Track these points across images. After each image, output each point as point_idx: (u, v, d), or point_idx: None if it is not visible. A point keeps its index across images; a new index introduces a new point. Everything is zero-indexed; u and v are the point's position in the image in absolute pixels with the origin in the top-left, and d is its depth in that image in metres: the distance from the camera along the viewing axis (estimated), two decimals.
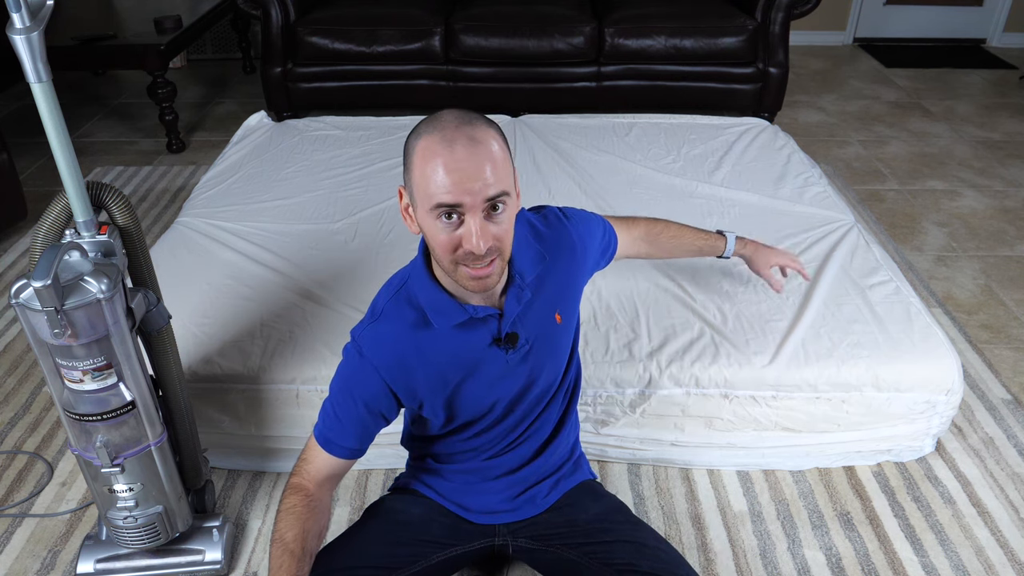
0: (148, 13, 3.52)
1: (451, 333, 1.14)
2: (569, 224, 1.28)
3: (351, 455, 1.21)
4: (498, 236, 1.01)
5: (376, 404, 1.17)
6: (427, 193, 0.99)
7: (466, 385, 1.19)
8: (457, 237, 1.00)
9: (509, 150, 1.04)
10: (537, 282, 1.19)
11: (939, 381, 1.64)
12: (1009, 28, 4.77)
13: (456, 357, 1.16)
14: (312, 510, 1.17)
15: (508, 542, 1.34)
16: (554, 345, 1.25)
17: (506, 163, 1.01)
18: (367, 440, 1.22)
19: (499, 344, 1.16)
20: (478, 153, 0.97)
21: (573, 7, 3.54)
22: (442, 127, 0.99)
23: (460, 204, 0.97)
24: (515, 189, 1.05)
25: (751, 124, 2.74)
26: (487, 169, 0.97)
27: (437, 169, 0.97)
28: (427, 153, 0.98)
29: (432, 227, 1.01)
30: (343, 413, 1.18)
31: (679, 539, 1.59)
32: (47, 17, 1.05)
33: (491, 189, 0.98)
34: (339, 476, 1.24)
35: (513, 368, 1.20)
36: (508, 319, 1.15)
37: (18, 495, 1.71)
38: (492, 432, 1.27)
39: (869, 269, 1.91)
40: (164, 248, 2.03)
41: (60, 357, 1.16)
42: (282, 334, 1.70)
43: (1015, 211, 2.91)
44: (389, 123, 2.78)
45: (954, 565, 1.54)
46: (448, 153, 0.97)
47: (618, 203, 2.22)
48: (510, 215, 1.03)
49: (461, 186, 0.96)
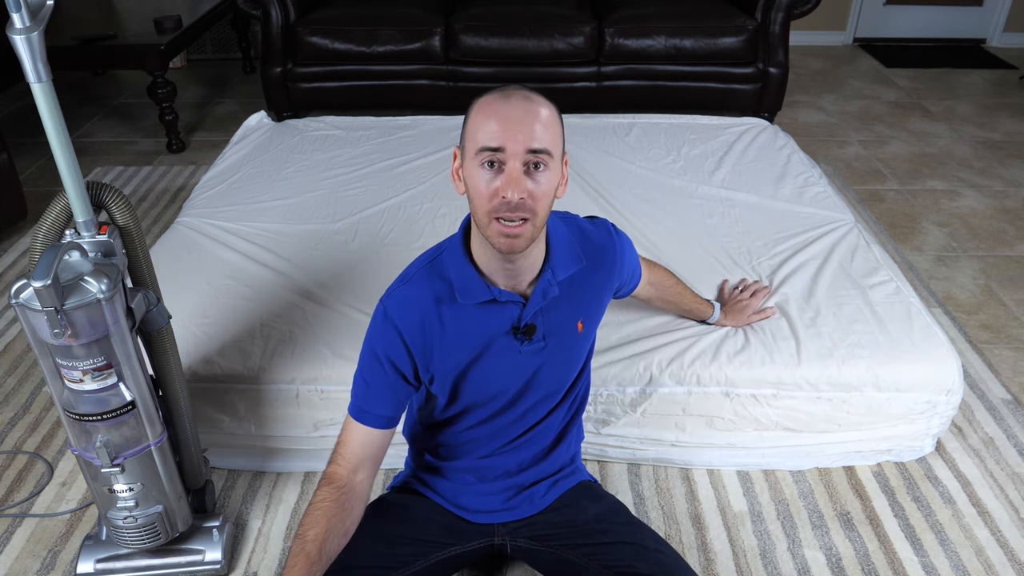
0: (148, 13, 3.52)
1: (472, 311, 1.16)
2: (616, 240, 1.31)
3: (386, 423, 1.21)
4: (533, 194, 1.04)
5: (399, 362, 1.18)
6: (475, 139, 1.04)
7: (477, 366, 1.20)
8: (495, 187, 1.03)
9: (563, 130, 1.09)
10: (568, 283, 1.20)
11: (939, 381, 1.64)
12: (1009, 28, 4.77)
13: (473, 336, 1.18)
14: (341, 506, 1.18)
15: (507, 542, 1.34)
16: (569, 351, 1.25)
17: (556, 131, 1.06)
18: (399, 407, 1.22)
19: (516, 333, 1.18)
20: (529, 109, 1.03)
21: (573, 7, 3.54)
22: (503, 88, 1.07)
23: (503, 148, 1.02)
24: (560, 160, 1.09)
25: (751, 124, 2.74)
26: (534, 124, 1.03)
27: (489, 117, 1.03)
28: (483, 105, 1.05)
29: (475, 176, 1.05)
30: (371, 377, 1.20)
31: (679, 539, 1.59)
32: (47, 17, 1.05)
33: (535, 142, 1.02)
34: (377, 456, 1.23)
35: (524, 360, 1.21)
36: (530, 310, 1.17)
37: (18, 495, 1.71)
38: (492, 424, 1.28)
39: (869, 269, 1.91)
40: (164, 248, 2.03)
41: (60, 357, 1.16)
42: (282, 334, 1.70)
43: (1015, 211, 2.91)
44: (389, 123, 2.78)
45: (954, 565, 1.54)
46: (502, 103, 1.04)
47: (618, 203, 2.22)
48: (549, 179, 1.06)
49: (507, 131, 1.02)
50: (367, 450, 1.21)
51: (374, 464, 1.24)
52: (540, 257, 1.16)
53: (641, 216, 2.15)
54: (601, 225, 1.32)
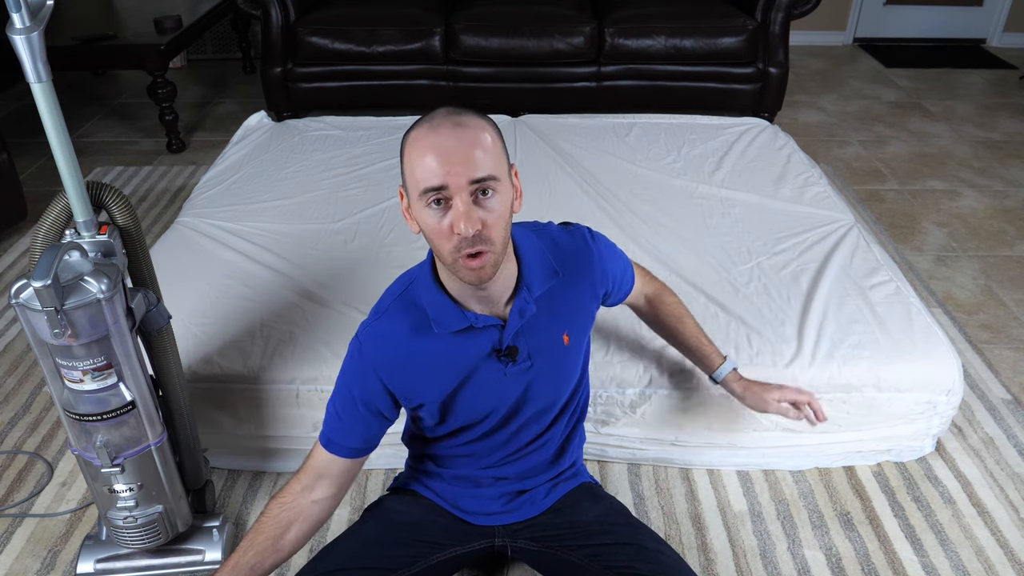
0: (148, 13, 3.52)
1: (450, 339, 1.14)
2: (594, 245, 1.25)
3: (354, 455, 1.21)
4: (487, 222, 0.99)
5: (374, 402, 1.17)
6: (415, 180, 0.99)
7: (463, 392, 1.18)
8: (448, 224, 0.99)
9: (503, 141, 1.04)
10: (548, 299, 1.17)
11: (939, 381, 1.64)
12: (1009, 28, 4.77)
13: (454, 363, 1.16)
14: (277, 522, 1.18)
15: (507, 544, 1.34)
16: (558, 365, 1.23)
17: (496, 151, 1.01)
18: (371, 440, 1.21)
19: (499, 356, 1.16)
20: (463, 136, 0.98)
21: (573, 7, 3.54)
22: (430, 119, 1.01)
23: (446, 186, 0.97)
24: (509, 179, 1.04)
25: (751, 124, 2.74)
26: (472, 151, 0.97)
27: (424, 154, 0.98)
28: (414, 142, 1.00)
29: (425, 217, 1.01)
30: (344, 412, 1.19)
31: (679, 539, 1.59)
32: (47, 17, 1.05)
33: (477, 172, 0.97)
34: (339, 481, 1.22)
35: (511, 381, 1.19)
36: (509, 331, 1.14)
37: (18, 495, 1.71)
38: (488, 441, 1.27)
39: (869, 269, 1.91)
40: (164, 248, 2.03)
41: (60, 357, 1.16)
42: (282, 334, 1.70)
43: (1015, 211, 2.91)
44: (389, 123, 2.78)
45: (954, 565, 1.54)
46: (433, 137, 0.98)
47: (618, 203, 2.22)
48: (501, 203, 1.01)
49: (445, 168, 0.97)
50: (327, 474, 1.21)
51: (335, 487, 1.22)
52: (512, 277, 1.12)
53: (641, 216, 2.15)
54: (576, 232, 1.26)
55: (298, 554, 1.56)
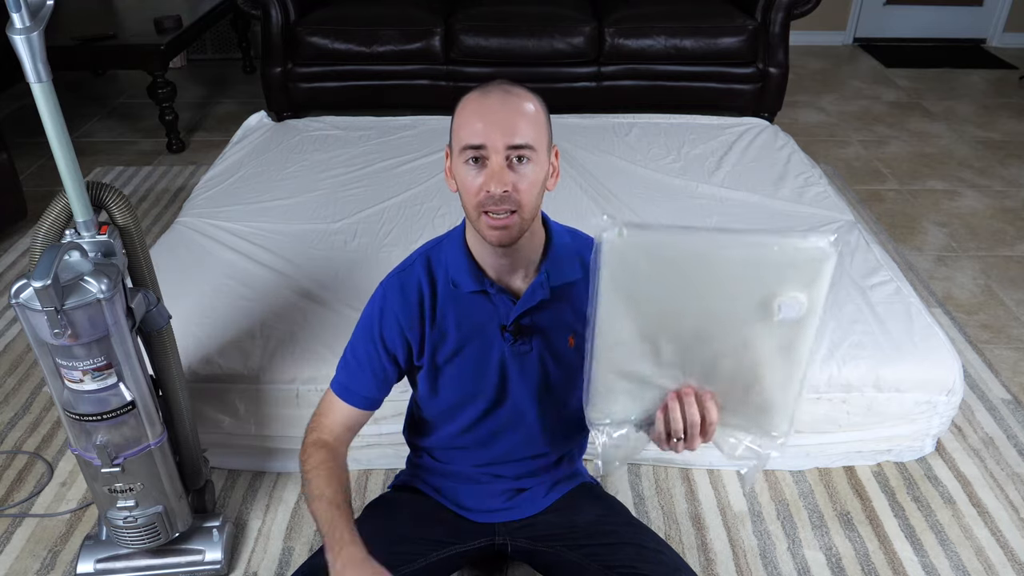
0: (148, 13, 3.52)
1: (465, 300, 1.17)
2: None
3: (368, 405, 1.23)
4: (517, 186, 1.04)
5: (392, 344, 1.20)
6: (459, 137, 1.06)
7: (459, 357, 1.20)
8: (480, 183, 1.04)
9: (548, 120, 1.10)
10: (565, 293, 1.18)
11: (939, 381, 1.64)
12: (1009, 28, 4.77)
13: (461, 323, 1.18)
14: (340, 466, 1.20)
15: (508, 542, 1.34)
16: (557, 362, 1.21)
17: (538, 123, 1.06)
18: (383, 389, 1.24)
19: (503, 331, 1.18)
20: (508, 103, 1.05)
21: (573, 7, 3.54)
22: (485, 85, 1.08)
23: (484, 145, 1.03)
24: (548, 154, 1.10)
25: (751, 124, 2.74)
26: (515, 118, 1.04)
27: (470, 115, 1.05)
28: (465, 104, 1.07)
29: (462, 173, 1.07)
30: (363, 355, 1.21)
31: (679, 539, 1.59)
32: (47, 17, 1.05)
33: (515, 138, 1.03)
34: (355, 429, 1.25)
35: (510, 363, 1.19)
36: (519, 308, 1.16)
37: (18, 495, 1.71)
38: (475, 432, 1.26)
39: (869, 269, 1.91)
40: (164, 248, 2.03)
41: (60, 357, 1.16)
42: (282, 334, 1.70)
43: (1015, 211, 2.91)
44: (389, 123, 2.78)
45: (954, 565, 1.54)
46: (481, 100, 1.06)
47: (618, 203, 2.22)
48: (534, 171, 1.06)
49: (487, 128, 1.03)
50: (348, 422, 1.24)
51: (354, 433, 1.26)
52: (535, 255, 1.16)
53: (641, 216, 2.15)
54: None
55: (300, 551, 1.56)
